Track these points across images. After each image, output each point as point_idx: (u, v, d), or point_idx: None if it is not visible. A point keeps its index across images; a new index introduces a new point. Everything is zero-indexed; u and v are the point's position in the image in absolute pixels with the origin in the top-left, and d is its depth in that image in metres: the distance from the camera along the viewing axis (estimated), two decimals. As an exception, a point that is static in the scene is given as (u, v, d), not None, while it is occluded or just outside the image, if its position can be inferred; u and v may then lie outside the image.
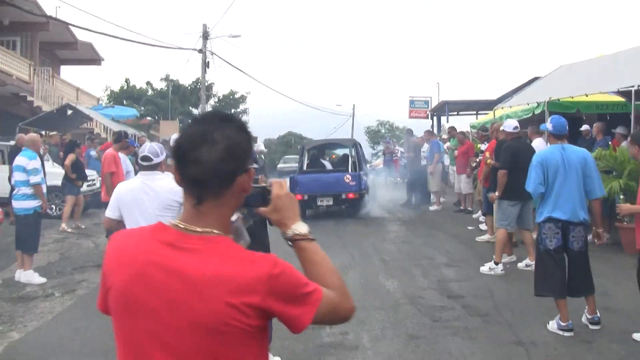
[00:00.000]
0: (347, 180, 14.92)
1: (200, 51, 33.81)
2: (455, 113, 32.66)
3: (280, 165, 39.52)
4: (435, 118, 35.20)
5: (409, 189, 17.75)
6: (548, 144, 6.87)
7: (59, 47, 29.45)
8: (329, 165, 17.20)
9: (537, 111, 14.07)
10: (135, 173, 7.30)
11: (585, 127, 13.70)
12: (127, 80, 48.94)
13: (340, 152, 20.38)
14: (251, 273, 1.68)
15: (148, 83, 49.54)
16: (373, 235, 12.76)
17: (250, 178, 1.83)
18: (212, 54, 34.31)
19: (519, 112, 15.46)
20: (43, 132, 19.88)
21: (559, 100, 13.07)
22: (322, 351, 5.96)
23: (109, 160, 10.26)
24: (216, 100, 53.20)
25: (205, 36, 33.46)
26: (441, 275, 8.91)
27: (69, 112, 20.82)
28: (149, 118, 39.61)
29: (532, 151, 8.68)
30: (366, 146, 64.04)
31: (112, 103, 43.30)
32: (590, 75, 13.43)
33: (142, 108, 45.14)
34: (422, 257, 10.24)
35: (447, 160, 18.61)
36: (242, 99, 54.00)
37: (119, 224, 5.28)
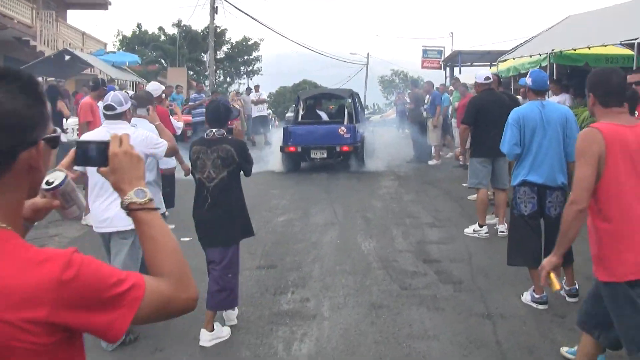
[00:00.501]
0: (342, 133, 14.32)
1: (208, -4, 33.13)
2: (469, 64, 31.74)
3: (288, 115, 38.80)
4: (448, 68, 34.22)
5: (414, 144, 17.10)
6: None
7: (64, -10, 28.82)
8: (325, 117, 16.61)
9: (544, 64, 13.41)
10: None
11: (593, 80, 13.02)
12: (139, 26, 48.17)
13: (338, 103, 19.76)
14: (34, 279, 1.28)
15: (160, 28, 48.80)
16: (363, 191, 12.28)
17: (40, 154, 1.42)
18: (221, -1, 33.64)
19: (526, 64, 14.86)
20: (41, 79, 19.41)
21: (561, 52, 12.40)
22: (276, 320, 5.61)
23: (85, 109, 9.94)
24: (229, 47, 52.38)
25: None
26: (422, 237, 8.47)
27: (67, 57, 20.29)
28: (156, 65, 38.96)
29: (504, 104, 7.98)
30: (380, 96, 63.33)
31: (122, 49, 42.63)
32: (596, 27, 12.65)
33: (153, 54, 44.46)
34: (407, 216, 9.78)
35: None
36: (256, 46, 53.06)
37: (83, 176, 5.21)
